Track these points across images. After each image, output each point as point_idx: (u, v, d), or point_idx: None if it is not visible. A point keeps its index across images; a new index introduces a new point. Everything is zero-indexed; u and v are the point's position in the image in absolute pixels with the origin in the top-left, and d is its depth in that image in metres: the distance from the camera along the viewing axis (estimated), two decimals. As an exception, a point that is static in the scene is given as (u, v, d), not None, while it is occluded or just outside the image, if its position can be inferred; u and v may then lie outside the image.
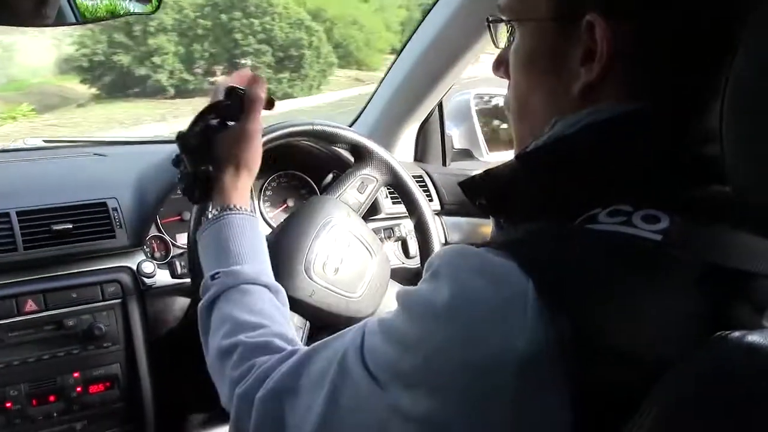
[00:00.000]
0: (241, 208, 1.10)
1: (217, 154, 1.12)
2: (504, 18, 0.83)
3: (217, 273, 1.03)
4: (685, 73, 0.70)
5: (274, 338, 0.94)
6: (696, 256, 0.62)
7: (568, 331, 0.57)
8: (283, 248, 1.32)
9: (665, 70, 0.70)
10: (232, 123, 1.14)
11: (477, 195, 0.82)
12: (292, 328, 1.00)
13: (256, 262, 1.07)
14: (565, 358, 0.57)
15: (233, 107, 1.13)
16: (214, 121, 1.14)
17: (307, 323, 1.30)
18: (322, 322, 1.32)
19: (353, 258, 1.39)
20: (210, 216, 1.10)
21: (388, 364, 0.69)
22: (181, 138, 1.12)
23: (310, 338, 1.28)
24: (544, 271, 0.61)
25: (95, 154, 1.83)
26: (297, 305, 1.27)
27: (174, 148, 1.16)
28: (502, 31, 0.87)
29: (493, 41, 0.88)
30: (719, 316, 0.59)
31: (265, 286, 1.04)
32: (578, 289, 0.60)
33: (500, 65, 0.87)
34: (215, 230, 1.08)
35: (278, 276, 1.10)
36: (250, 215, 1.11)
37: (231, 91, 1.14)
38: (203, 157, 1.11)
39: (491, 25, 0.87)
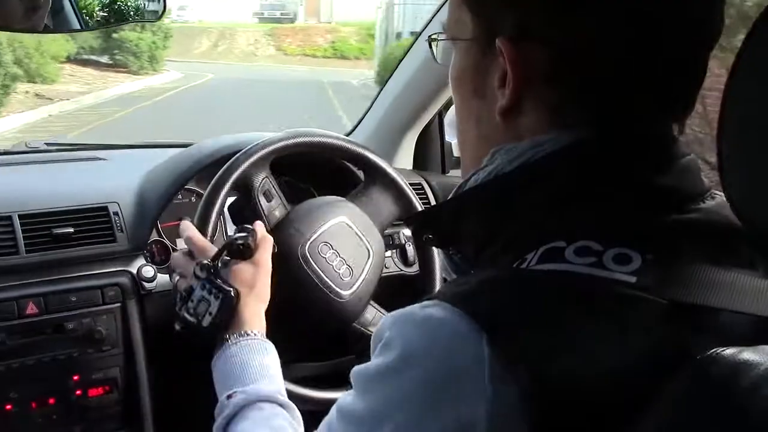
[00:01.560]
0: (257, 333, 1.17)
1: (236, 287, 1.18)
2: (441, 37, 0.82)
3: (234, 392, 1.07)
4: (608, 97, 0.69)
5: None
6: (668, 295, 0.60)
7: (529, 386, 0.56)
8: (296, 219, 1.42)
9: (587, 100, 0.69)
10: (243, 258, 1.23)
11: (423, 230, 0.81)
12: None
13: (273, 383, 1.10)
14: (528, 412, 0.56)
15: (247, 245, 1.22)
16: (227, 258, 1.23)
17: None
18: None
19: (354, 258, 1.44)
20: (229, 341, 1.15)
21: None
22: (206, 269, 1.20)
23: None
24: (497, 329, 0.59)
25: (96, 158, 1.84)
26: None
27: (174, 151, 1.18)
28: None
29: (434, 59, 0.87)
30: (686, 352, 0.57)
31: (281, 405, 1.07)
32: (539, 342, 0.58)
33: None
34: (233, 353, 1.13)
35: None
36: (266, 341, 1.16)
37: (242, 230, 1.24)
38: (221, 289, 1.18)
39: (431, 43, 0.86)
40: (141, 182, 1.61)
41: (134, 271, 1.50)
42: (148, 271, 1.50)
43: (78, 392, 1.42)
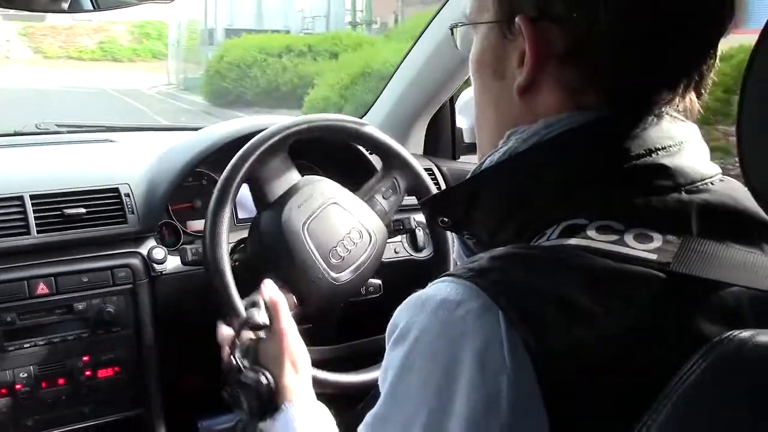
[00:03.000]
0: (301, 402, 1.13)
1: (266, 364, 1.15)
2: (463, 23, 0.83)
3: None
4: (624, 78, 0.70)
5: None
6: (686, 271, 0.61)
7: (541, 359, 0.57)
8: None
9: (603, 74, 0.70)
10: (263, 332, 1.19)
11: (437, 214, 0.81)
12: None
13: None
14: (543, 386, 0.57)
15: (260, 325, 1.17)
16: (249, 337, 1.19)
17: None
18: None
19: (351, 242, 1.43)
20: (276, 416, 1.11)
21: None
22: (234, 373, 1.15)
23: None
24: (515, 307, 0.59)
25: (107, 140, 1.84)
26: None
27: (186, 135, 1.17)
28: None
29: (456, 46, 0.88)
30: (700, 332, 0.59)
31: None
32: (552, 315, 0.59)
33: None
34: (283, 422, 1.10)
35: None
36: (302, 408, 1.12)
37: (252, 305, 1.20)
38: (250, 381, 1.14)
39: (453, 31, 0.87)
40: (152, 164, 1.61)
41: (145, 252, 1.50)
42: (159, 252, 1.50)
43: (87, 373, 1.42)
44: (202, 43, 19.61)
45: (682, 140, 0.71)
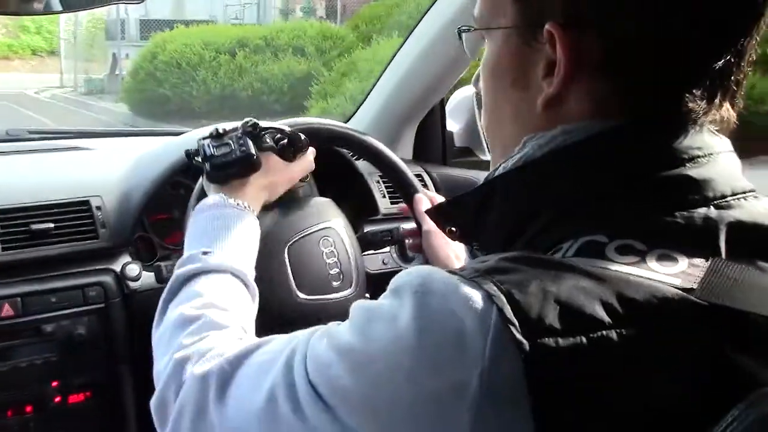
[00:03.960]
0: (254, 212, 1.13)
1: (264, 169, 1.16)
2: (474, 27, 0.79)
3: (212, 252, 1.01)
4: (659, 91, 0.66)
5: (238, 327, 0.93)
6: (714, 299, 0.57)
7: (536, 359, 0.54)
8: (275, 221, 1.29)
9: (636, 88, 0.66)
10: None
11: (447, 222, 0.79)
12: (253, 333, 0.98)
13: (251, 267, 1.06)
14: (531, 387, 0.54)
15: (291, 146, 1.21)
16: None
17: None
18: None
19: (325, 272, 1.31)
20: (227, 202, 1.10)
21: (329, 377, 0.64)
22: (251, 126, 1.17)
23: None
24: (511, 302, 0.56)
25: (80, 147, 1.75)
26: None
27: (165, 140, 1.11)
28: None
29: (466, 51, 0.85)
30: (724, 361, 0.56)
31: (248, 288, 1.02)
32: (554, 316, 0.55)
33: (479, 80, 0.82)
34: (225, 215, 1.08)
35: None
36: (257, 222, 1.12)
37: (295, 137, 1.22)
38: (248, 150, 1.14)
39: (462, 35, 0.83)
40: (126, 174, 1.52)
41: (118, 269, 1.42)
42: (133, 269, 1.41)
43: (57, 399, 1.35)
44: (108, 38, 16.28)
45: (712, 152, 0.67)
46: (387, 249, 1.67)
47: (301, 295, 1.26)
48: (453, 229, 0.78)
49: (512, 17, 0.70)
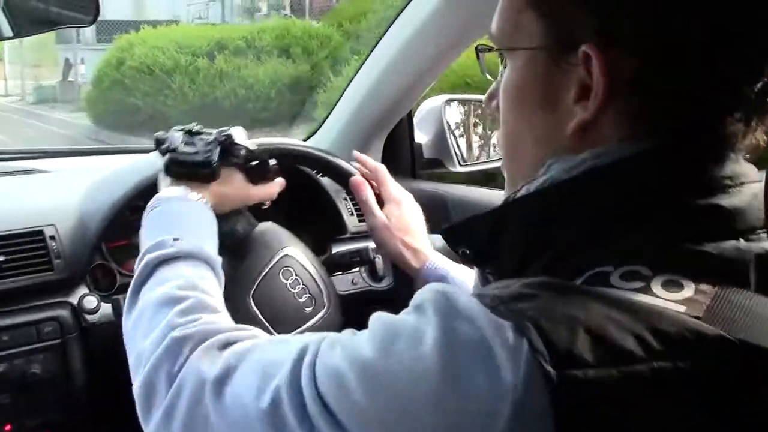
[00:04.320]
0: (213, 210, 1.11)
1: (223, 176, 1.13)
2: (494, 47, 0.76)
3: (183, 239, 0.99)
4: (695, 112, 0.64)
5: (222, 310, 0.91)
6: (719, 327, 0.55)
7: (564, 391, 0.52)
8: (234, 273, 1.22)
9: (671, 109, 0.64)
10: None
11: (459, 243, 0.75)
12: None
13: (215, 249, 1.04)
14: (557, 420, 0.52)
15: (258, 169, 1.19)
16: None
17: None
18: None
19: (295, 301, 1.27)
20: (191, 194, 1.08)
21: (341, 390, 0.61)
22: (223, 137, 1.14)
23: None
24: (541, 335, 0.54)
25: (37, 170, 1.67)
26: None
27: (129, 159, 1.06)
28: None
29: (483, 72, 0.82)
30: (757, 397, 0.55)
31: (219, 280, 1.00)
32: (583, 347, 0.53)
33: (492, 98, 0.80)
34: (192, 205, 1.07)
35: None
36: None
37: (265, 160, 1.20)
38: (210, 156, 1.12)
39: (480, 54, 0.81)
40: (82, 198, 1.45)
41: (75, 302, 1.34)
42: (91, 301, 1.34)
43: (11, 443, 1.26)
44: (60, 41, 15.05)
45: (743, 180, 0.65)
46: (356, 269, 1.62)
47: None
48: (466, 251, 0.74)
49: (538, 36, 0.68)
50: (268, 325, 1.22)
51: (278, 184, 1.23)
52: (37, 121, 12.66)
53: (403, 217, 1.29)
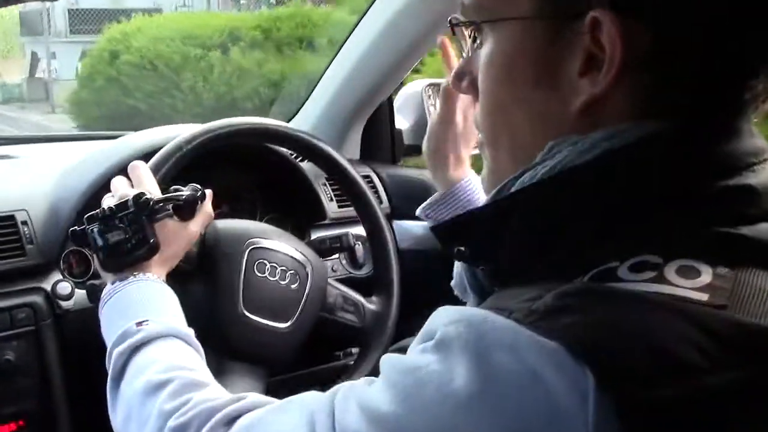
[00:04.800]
0: (163, 281, 1.05)
1: (161, 236, 1.06)
2: (474, 19, 0.68)
3: (147, 321, 0.94)
4: (711, 86, 0.59)
5: (211, 382, 0.85)
6: (747, 316, 0.52)
7: (636, 418, 0.47)
8: (216, 292, 1.22)
9: (691, 81, 0.58)
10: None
11: (453, 241, 0.67)
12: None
13: (183, 322, 0.99)
14: None
15: (192, 205, 1.11)
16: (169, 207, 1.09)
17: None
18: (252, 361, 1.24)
19: (281, 286, 1.26)
20: (134, 277, 1.02)
21: None
22: (144, 205, 1.05)
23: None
24: (606, 358, 0.48)
25: (6, 155, 1.64)
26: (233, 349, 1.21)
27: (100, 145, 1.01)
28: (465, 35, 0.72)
29: (462, 49, 0.73)
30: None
31: (197, 350, 0.95)
32: (647, 366, 0.48)
33: (462, 78, 0.73)
34: (143, 286, 1.01)
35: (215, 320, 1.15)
36: (170, 289, 1.04)
37: (193, 189, 1.12)
38: (145, 234, 1.04)
39: (455, 29, 0.72)
40: (55, 184, 1.42)
41: (48, 288, 1.32)
42: (65, 287, 1.32)
43: (-15, 431, 1.24)
44: (25, 33, 13.12)
45: (766, 157, 0.60)
46: (336, 256, 1.60)
47: (287, 323, 1.25)
48: (462, 249, 0.67)
49: (533, 4, 0.61)
50: (271, 324, 1.22)
51: (209, 196, 1.16)
52: (7, 125, 11.07)
53: (470, 125, 1.16)
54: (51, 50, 12.50)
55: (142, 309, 0.96)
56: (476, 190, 1.14)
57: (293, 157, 1.59)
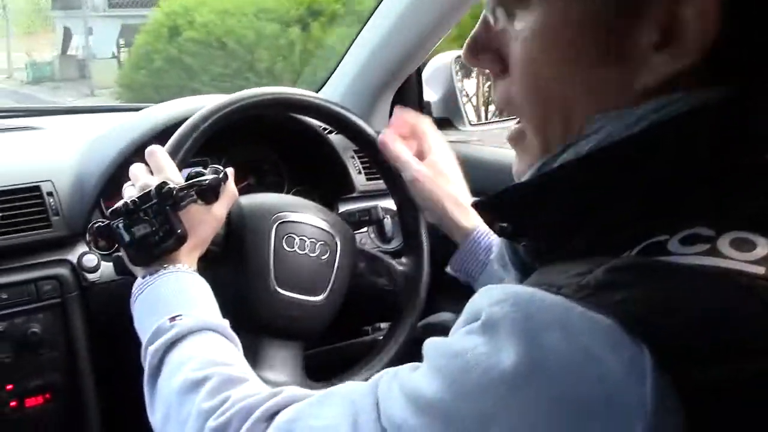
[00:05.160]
0: (195, 271, 1.03)
1: (187, 223, 1.03)
2: None
3: (180, 315, 0.92)
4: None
5: (249, 378, 0.83)
6: None
7: (697, 399, 0.44)
8: (246, 271, 1.19)
9: (747, 49, 0.54)
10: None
11: (496, 217, 0.65)
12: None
13: (220, 318, 0.96)
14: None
15: (215, 188, 1.08)
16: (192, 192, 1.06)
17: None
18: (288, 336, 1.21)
19: (311, 259, 1.23)
20: (164, 270, 1.00)
21: None
22: (167, 194, 1.02)
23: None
24: (663, 335, 0.45)
25: (30, 127, 1.62)
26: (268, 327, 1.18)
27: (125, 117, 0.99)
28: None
29: (491, 18, 0.67)
30: None
31: (233, 342, 0.94)
32: (707, 343, 0.46)
33: (485, 51, 0.67)
34: (174, 278, 0.98)
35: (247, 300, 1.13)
36: (202, 279, 1.02)
37: (214, 171, 1.09)
38: (171, 224, 1.02)
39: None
40: (81, 155, 1.41)
41: (74, 260, 1.30)
42: (91, 259, 1.30)
43: (13, 404, 1.24)
44: (57, 6, 12.40)
45: None
46: (364, 229, 1.57)
47: (320, 296, 1.23)
48: (504, 225, 0.64)
49: None
50: (304, 298, 1.20)
51: (231, 175, 1.13)
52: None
53: (451, 169, 1.17)
54: (90, 26, 11.73)
55: (174, 303, 0.95)
56: (490, 234, 1.12)
57: (321, 128, 1.56)
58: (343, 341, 1.56)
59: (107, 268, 1.30)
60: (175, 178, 1.06)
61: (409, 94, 1.86)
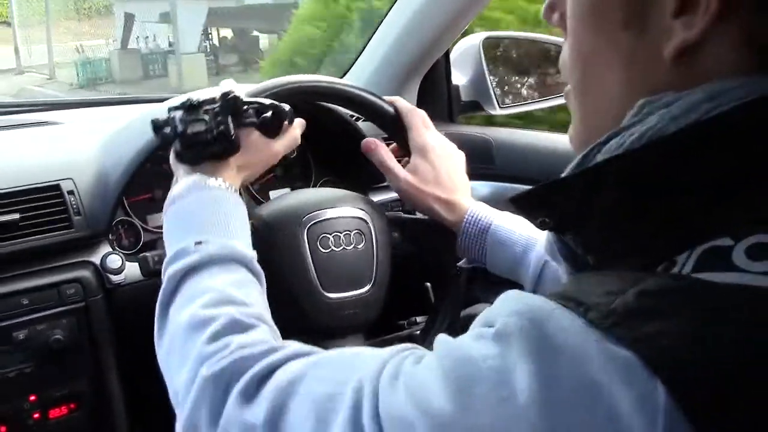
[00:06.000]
0: (237, 192, 1.00)
1: (243, 143, 1.02)
2: None
3: (207, 240, 0.89)
4: None
5: (263, 324, 0.81)
6: None
7: None
8: (288, 282, 1.13)
9: None
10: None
11: (538, 212, 0.62)
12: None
13: (246, 242, 0.94)
14: None
15: (276, 120, 1.08)
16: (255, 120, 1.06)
17: None
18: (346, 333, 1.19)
19: (349, 252, 1.17)
20: (209, 180, 0.96)
21: None
22: (232, 101, 1.01)
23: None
24: (688, 380, 0.42)
25: (48, 122, 1.56)
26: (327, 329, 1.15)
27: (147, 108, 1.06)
28: None
29: None
30: None
31: (256, 275, 0.91)
32: (745, 401, 0.42)
33: (554, 10, 0.68)
34: (211, 196, 0.95)
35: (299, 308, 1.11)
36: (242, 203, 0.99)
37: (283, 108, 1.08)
38: (227, 130, 1.00)
39: None
40: (101, 150, 1.34)
41: (97, 261, 1.24)
42: (115, 260, 1.24)
43: (36, 415, 1.18)
44: None
45: None
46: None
47: (368, 286, 1.18)
48: (546, 220, 0.62)
49: None
50: (354, 293, 1.16)
51: (299, 125, 1.12)
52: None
53: (431, 168, 1.20)
54: (159, 11, 9.22)
55: (204, 224, 0.91)
56: (483, 217, 1.15)
57: (349, 116, 1.49)
58: (378, 337, 1.50)
59: (132, 269, 1.24)
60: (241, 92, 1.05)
61: (437, 78, 1.80)
